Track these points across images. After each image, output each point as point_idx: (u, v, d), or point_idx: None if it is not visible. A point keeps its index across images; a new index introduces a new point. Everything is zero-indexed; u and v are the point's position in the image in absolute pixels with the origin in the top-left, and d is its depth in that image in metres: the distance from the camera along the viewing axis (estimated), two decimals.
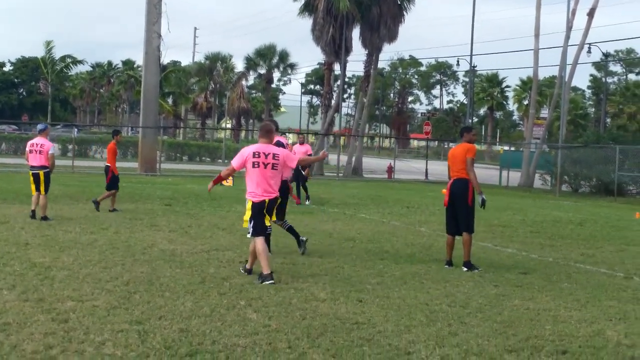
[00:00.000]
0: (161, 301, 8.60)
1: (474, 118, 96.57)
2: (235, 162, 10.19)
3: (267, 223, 10.34)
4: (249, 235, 10.31)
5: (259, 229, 10.14)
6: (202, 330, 7.41)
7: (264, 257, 10.02)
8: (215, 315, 8.08)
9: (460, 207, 12.21)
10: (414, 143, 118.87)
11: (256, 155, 10.10)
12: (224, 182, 30.53)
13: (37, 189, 16.27)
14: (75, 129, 59.23)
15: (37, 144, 16.37)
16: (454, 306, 9.20)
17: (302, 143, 23.97)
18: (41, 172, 16.31)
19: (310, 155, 21.66)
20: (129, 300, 8.55)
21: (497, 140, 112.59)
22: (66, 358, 6.32)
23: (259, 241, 10.09)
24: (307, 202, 22.71)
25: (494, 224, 19.20)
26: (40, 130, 16.79)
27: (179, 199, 22.39)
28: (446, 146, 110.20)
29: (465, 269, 11.98)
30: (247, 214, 10.22)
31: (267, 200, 10.12)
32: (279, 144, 11.74)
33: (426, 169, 47.94)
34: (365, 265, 12.04)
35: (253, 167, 10.07)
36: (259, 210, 10.12)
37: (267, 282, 9.80)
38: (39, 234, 13.52)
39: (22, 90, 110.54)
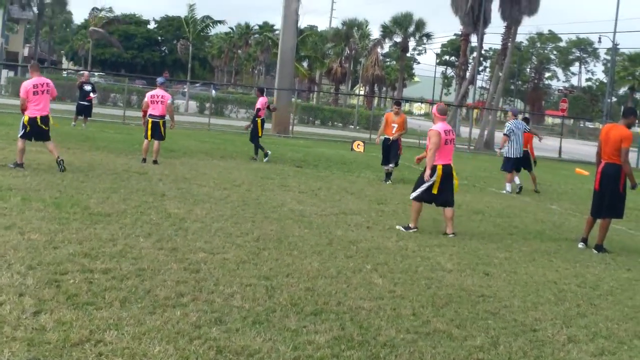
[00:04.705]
0: (289, 259, 8.76)
1: (613, 98, 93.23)
2: (24, 95, 14.27)
3: (45, 127, 14.42)
4: (19, 135, 14.35)
5: (29, 134, 14.38)
6: (327, 290, 7.51)
7: (53, 149, 14.57)
8: (341, 277, 8.16)
9: (610, 192, 11.80)
10: (549, 120, 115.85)
11: (35, 87, 14.26)
12: (355, 148, 30.38)
13: (154, 135, 17.76)
14: (213, 88, 60.60)
15: (158, 95, 17.96)
16: (583, 287, 9.01)
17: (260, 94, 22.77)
18: (161, 121, 17.88)
19: (258, 109, 21.73)
20: (258, 256, 8.74)
21: (638, 122, 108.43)
22: (196, 307, 6.51)
23: (22, 142, 14.21)
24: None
25: (629, 207, 18.47)
26: (160, 83, 18.37)
27: (309, 161, 22.63)
28: (582, 125, 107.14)
29: (595, 251, 11.67)
30: (27, 126, 14.27)
31: (38, 116, 14.31)
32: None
33: (560, 147, 46.71)
34: (492, 239, 11.90)
35: (34, 94, 14.24)
36: (34, 122, 14.26)
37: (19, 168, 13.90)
38: (174, 186, 13.93)
39: (164, 48, 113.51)
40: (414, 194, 11.97)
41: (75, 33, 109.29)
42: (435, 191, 11.77)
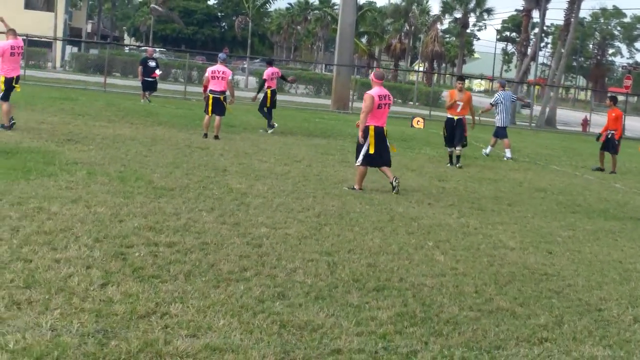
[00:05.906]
0: (350, 235, 8.77)
1: None
2: (3, 51, 15.00)
3: (18, 90, 15.54)
4: (0, 98, 15.05)
5: (6, 96, 15.20)
6: (389, 267, 7.51)
7: (8, 112, 15.14)
8: (403, 253, 8.15)
9: None
10: None
11: (13, 48, 15.19)
12: (415, 124, 30.18)
13: (214, 111, 17.80)
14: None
15: (219, 71, 18.00)
16: None
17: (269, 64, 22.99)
18: (221, 97, 17.94)
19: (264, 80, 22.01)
20: (319, 232, 8.77)
21: None
22: (259, 281, 6.57)
23: (6, 104, 15.16)
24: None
25: None
26: (222, 60, 18.49)
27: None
28: None
29: None
30: (2, 86, 15.13)
31: (14, 76, 15.29)
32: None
33: (623, 125, 45.82)
34: (555, 217, 11.75)
35: (11, 55, 15.21)
36: (10, 82, 15.19)
37: (8, 130, 14.84)
38: (236, 161, 14.03)
39: (224, 24, 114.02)
40: (358, 161, 12.46)
41: (136, 9, 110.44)
42: (372, 151, 12.28)
